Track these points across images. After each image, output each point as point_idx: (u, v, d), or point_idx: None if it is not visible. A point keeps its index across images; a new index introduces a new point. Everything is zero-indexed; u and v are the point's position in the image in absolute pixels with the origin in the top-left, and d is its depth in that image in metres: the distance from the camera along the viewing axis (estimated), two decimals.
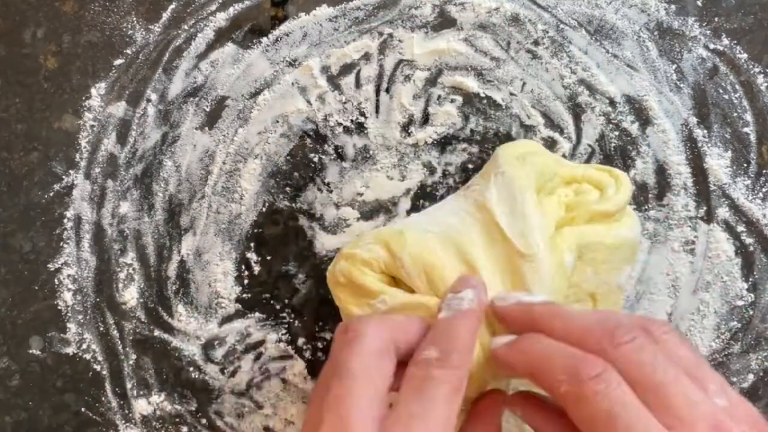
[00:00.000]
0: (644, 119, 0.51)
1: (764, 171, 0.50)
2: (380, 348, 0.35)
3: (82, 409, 0.51)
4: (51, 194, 0.52)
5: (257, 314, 0.52)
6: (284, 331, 0.52)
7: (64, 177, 0.53)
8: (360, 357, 0.35)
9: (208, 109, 0.53)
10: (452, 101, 0.52)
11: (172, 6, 0.53)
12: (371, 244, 0.43)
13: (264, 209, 0.52)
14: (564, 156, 0.51)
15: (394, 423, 0.33)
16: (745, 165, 0.50)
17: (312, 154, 0.52)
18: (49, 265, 0.52)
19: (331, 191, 0.52)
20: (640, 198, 0.50)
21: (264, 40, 0.53)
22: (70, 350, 0.51)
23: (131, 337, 0.52)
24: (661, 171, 0.50)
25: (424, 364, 0.35)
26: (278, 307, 0.52)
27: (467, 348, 0.36)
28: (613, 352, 0.33)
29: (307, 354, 0.52)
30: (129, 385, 0.51)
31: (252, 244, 0.52)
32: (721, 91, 0.51)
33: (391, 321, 0.38)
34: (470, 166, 0.51)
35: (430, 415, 0.33)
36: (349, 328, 0.36)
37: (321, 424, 0.33)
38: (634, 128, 0.51)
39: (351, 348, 0.35)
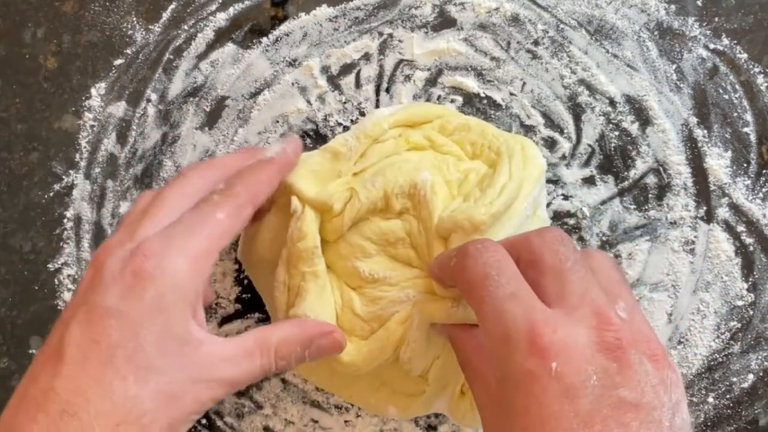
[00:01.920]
0: (644, 119, 0.51)
1: (764, 171, 0.50)
2: (199, 187, 0.41)
3: None
4: (51, 194, 0.52)
5: (257, 314, 0.52)
6: None
7: (64, 177, 0.53)
8: (176, 189, 0.40)
9: (208, 109, 0.53)
10: (452, 101, 0.52)
11: (172, 6, 0.53)
12: None
13: None
14: (564, 156, 0.51)
15: (167, 227, 0.37)
16: (745, 165, 0.50)
17: None
18: (49, 265, 0.52)
19: None
20: (640, 198, 0.50)
21: (264, 40, 0.53)
22: None
23: None
24: (661, 171, 0.50)
25: (210, 193, 0.40)
26: None
27: (254, 184, 0.41)
28: (539, 242, 0.35)
29: None
30: None
31: None
32: (721, 91, 0.51)
33: (215, 163, 0.43)
34: None
35: (198, 225, 0.37)
36: (181, 172, 0.42)
37: (121, 229, 0.39)
38: (634, 128, 0.51)
39: (173, 184, 0.41)
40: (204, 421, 0.51)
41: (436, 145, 0.46)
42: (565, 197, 0.51)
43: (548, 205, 0.50)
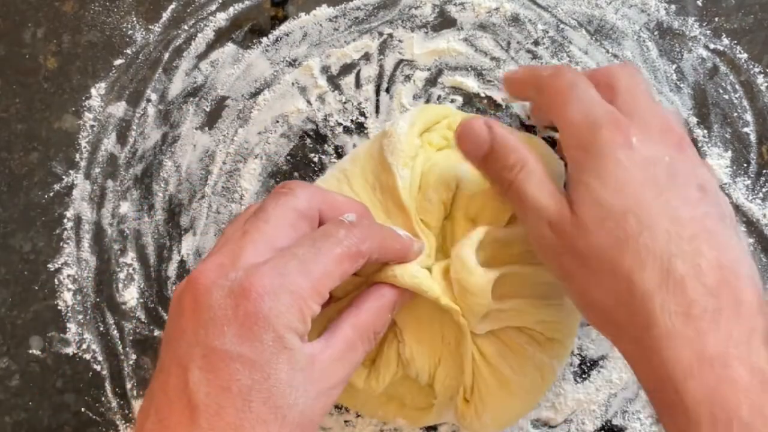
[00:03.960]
0: None
1: (764, 171, 0.50)
2: (304, 209, 0.38)
3: (82, 409, 0.51)
4: (51, 194, 0.52)
5: None
6: None
7: (64, 177, 0.53)
8: (281, 209, 0.37)
9: (208, 109, 0.53)
10: (452, 101, 0.52)
11: (172, 6, 0.53)
12: None
13: None
14: (564, 156, 0.51)
15: (277, 258, 0.35)
16: (745, 165, 0.50)
17: (312, 154, 0.52)
18: (49, 265, 0.52)
19: None
20: None
21: (264, 40, 0.53)
22: (70, 350, 0.51)
23: (131, 337, 0.52)
24: None
25: (336, 222, 0.37)
26: None
27: (380, 239, 0.39)
28: (619, 69, 0.40)
29: None
30: (129, 385, 0.51)
31: None
32: (721, 91, 0.51)
33: (327, 193, 0.40)
34: None
35: (311, 261, 0.35)
36: (287, 185, 0.39)
37: (220, 249, 0.37)
38: None
39: (278, 200, 0.38)
40: None
41: (452, 143, 0.46)
42: None
43: None
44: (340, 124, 0.52)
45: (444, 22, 0.52)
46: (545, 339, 0.44)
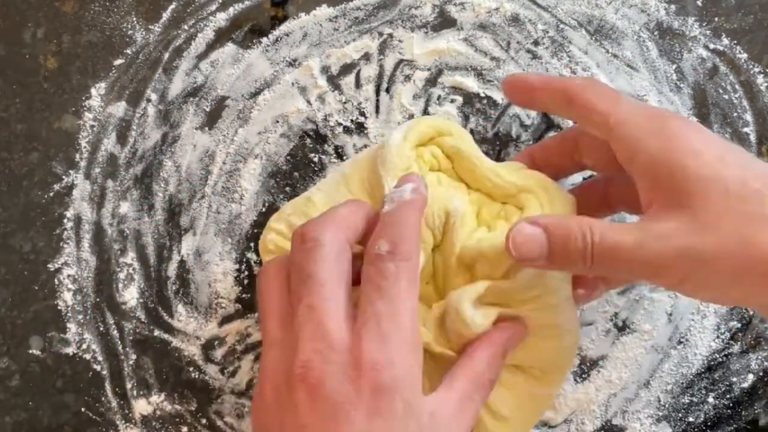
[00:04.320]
0: None
1: None
2: (339, 251, 0.37)
3: (82, 409, 0.51)
4: (51, 194, 0.52)
5: (257, 314, 0.52)
6: None
7: (64, 177, 0.53)
8: (324, 263, 0.36)
9: (208, 109, 0.53)
10: (452, 101, 0.52)
11: (172, 6, 0.53)
12: (291, 215, 0.46)
13: (264, 209, 0.52)
14: None
15: (365, 324, 0.35)
16: None
17: (312, 154, 0.52)
18: (49, 265, 0.52)
19: None
20: None
21: (264, 40, 0.53)
22: (70, 350, 0.51)
23: (131, 337, 0.52)
24: None
25: (378, 260, 0.37)
26: None
27: (414, 236, 0.38)
28: None
29: None
30: (129, 385, 0.51)
31: (252, 244, 0.52)
32: (721, 91, 0.51)
33: (342, 220, 0.39)
34: None
35: (397, 312, 0.35)
36: (307, 236, 0.38)
37: (300, 332, 0.35)
38: None
39: (313, 256, 0.37)
40: (204, 421, 0.51)
41: (442, 166, 0.45)
42: None
43: None
44: (340, 124, 0.52)
45: (444, 22, 0.52)
46: (542, 374, 0.43)
